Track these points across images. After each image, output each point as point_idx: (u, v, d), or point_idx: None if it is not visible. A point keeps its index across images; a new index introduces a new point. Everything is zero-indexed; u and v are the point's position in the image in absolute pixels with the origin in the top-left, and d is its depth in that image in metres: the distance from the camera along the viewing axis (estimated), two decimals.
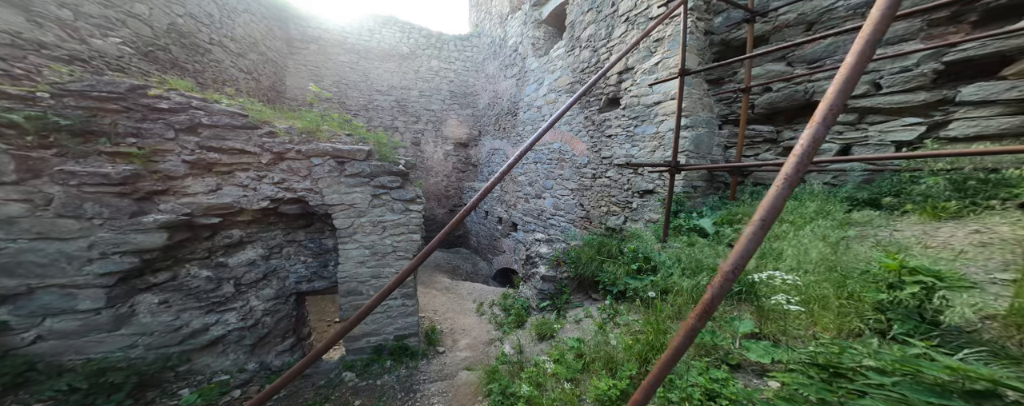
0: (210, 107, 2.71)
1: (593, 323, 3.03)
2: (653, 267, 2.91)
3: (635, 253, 3.23)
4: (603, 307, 3.00)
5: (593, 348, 2.44)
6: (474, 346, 4.13)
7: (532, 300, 4.32)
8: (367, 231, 3.26)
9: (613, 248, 3.61)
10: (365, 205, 3.21)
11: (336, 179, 3.07)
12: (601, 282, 3.35)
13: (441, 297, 6.39)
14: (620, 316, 2.67)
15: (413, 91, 10.32)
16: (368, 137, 3.45)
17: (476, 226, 10.21)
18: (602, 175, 5.54)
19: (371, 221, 3.25)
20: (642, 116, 4.82)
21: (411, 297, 3.62)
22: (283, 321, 3.57)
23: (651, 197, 4.58)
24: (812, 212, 2.73)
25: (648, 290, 2.64)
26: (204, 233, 2.85)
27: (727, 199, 3.90)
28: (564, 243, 4.36)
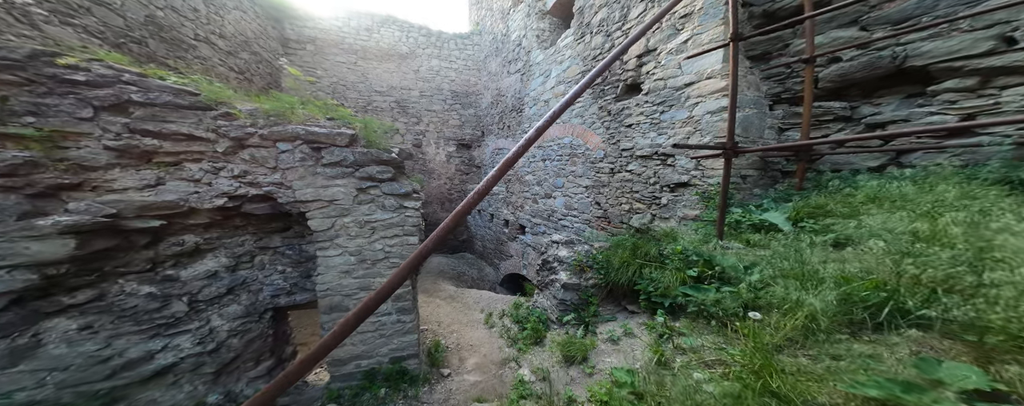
0: (147, 82, 2.04)
1: (641, 345, 2.28)
2: (721, 274, 2.18)
3: (685, 256, 2.50)
4: (652, 324, 2.26)
5: (655, 385, 1.70)
6: (484, 367, 3.38)
7: (551, 311, 3.57)
8: (352, 233, 2.55)
9: (651, 250, 2.88)
10: (349, 201, 2.50)
11: (310, 170, 2.38)
12: (642, 291, 2.61)
13: (445, 306, 5.63)
14: (685, 338, 1.93)
15: (413, 91, 9.72)
16: (353, 121, 2.76)
17: (481, 230, 9.48)
18: (622, 169, 4.83)
19: (357, 221, 2.54)
20: (670, 100, 4.12)
21: (408, 312, 2.88)
22: (256, 342, 2.84)
23: (685, 191, 3.85)
24: (953, 199, 2.00)
25: (728, 305, 1.88)
26: (141, 239, 2.14)
27: (793, 189, 3.15)
28: (586, 245, 3.63)
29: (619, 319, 2.88)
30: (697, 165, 3.68)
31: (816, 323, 1.53)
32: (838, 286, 1.64)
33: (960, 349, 1.25)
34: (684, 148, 2.71)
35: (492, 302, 5.48)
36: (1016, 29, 2.30)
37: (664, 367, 1.84)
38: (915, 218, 1.88)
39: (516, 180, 7.67)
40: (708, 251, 2.42)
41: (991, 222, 1.62)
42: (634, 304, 2.85)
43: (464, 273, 8.55)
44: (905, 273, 1.55)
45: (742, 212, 2.96)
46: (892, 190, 2.39)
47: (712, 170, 3.52)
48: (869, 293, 1.53)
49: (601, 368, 2.31)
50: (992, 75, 2.43)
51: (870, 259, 1.70)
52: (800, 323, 1.49)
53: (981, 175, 2.26)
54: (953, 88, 2.56)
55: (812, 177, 3.20)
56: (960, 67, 2.53)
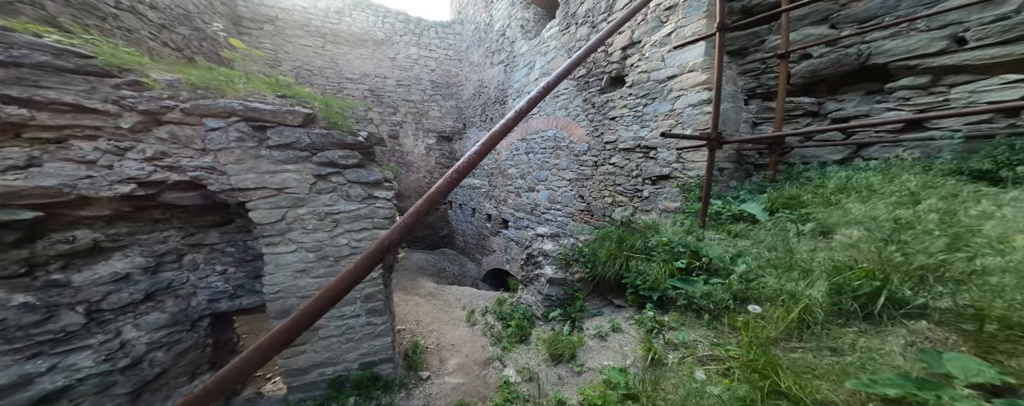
0: (12, 37, 1.56)
1: (632, 341, 2.17)
2: (708, 265, 2.11)
3: (670, 247, 2.42)
4: (641, 319, 2.16)
5: (650, 386, 1.58)
6: (466, 368, 3.17)
7: (536, 307, 3.41)
8: (309, 226, 2.20)
9: (636, 242, 2.79)
10: (304, 189, 2.15)
11: (251, 152, 2.00)
12: (629, 285, 2.51)
13: (425, 304, 5.33)
14: (676, 333, 1.84)
15: (389, 80, 9.12)
16: (312, 99, 2.39)
17: (463, 225, 9.17)
18: (605, 162, 4.75)
19: (315, 212, 2.20)
20: (653, 93, 4.07)
21: (380, 313, 2.59)
22: (190, 353, 2.42)
23: (666, 183, 3.83)
24: (915, 188, 2.03)
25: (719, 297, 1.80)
26: (8, 236, 1.67)
27: (767, 181, 3.19)
28: (572, 238, 3.49)
29: (606, 314, 2.77)
30: (678, 158, 3.66)
31: (812, 315, 1.47)
32: (829, 276, 1.59)
33: (956, 339, 1.21)
34: (673, 136, 2.62)
35: (474, 299, 5.25)
36: (967, 30, 2.42)
37: (657, 365, 1.73)
38: (896, 205, 1.89)
39: (499, 174, 7.44)
40: (694, 242, 2.35)
41: (969, 209, 1.64)
42: (620, 298, 2.76)
43: (445, 269, 8.24)
44: (892, 261, 1.52)
45: (722, 203, 2.95)
46: (859, 180, 2.46)
47: (692, 163, 3.51)
48: (861, 282, 1.49)
49: (590, 366, 2.18)
50: (943, 73, 2.55)
51: (859, 248, 1.68)
52: (796, 316, 1.41)
53: (935, 166, 2.37)
54: (908, 85, 2.67)
55: (783, 170, 3.27)
56: (916, 65, 2.65)
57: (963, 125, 2.49)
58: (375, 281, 2.50)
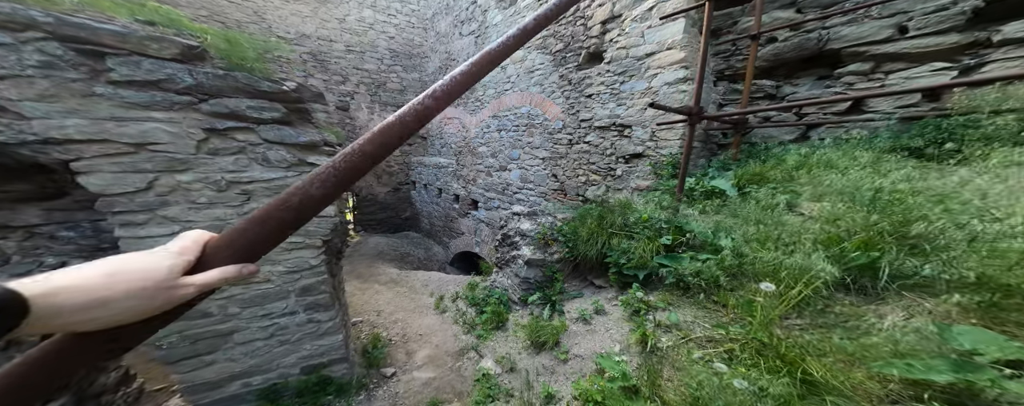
0: None
1: (619, 324, 1.96)
2: (691, 241, 1.95)
3: (652, 224, 2.25)
4: (627, 300, 1.96)
5: (651, 375, 1.36)
6: (438, 360, 2.78)
7: (512, 291, 3.11)
8: (200, 199, 1.52)
9: (616, 220, 2.59)
10: (186, 148, 1.45)
11: (76, 88, 1.23)
12: (612, 264, 2.31)
13: (386, 292, 4.73)
14: (667, 314, 1.65)
15: (337, 44, 7.69)
16: (201, 31, 1.64)
17: (428, 206, 8.44)
18: (580, 140, 4.51)
19: (209, 180, 1.52)
20: (631, 70, 3.84)
21: (324, 308, 2.03)
22: None
23: (639, 162, 3.71)
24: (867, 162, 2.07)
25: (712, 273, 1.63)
26: None
27: (731, 159, 3.20)
28: (550, 217, 3.21)
29: (587, 295, 2.57)
30: (652, 136, 3.54)
31: (816, 291, 1.34)
32: (824, 248, 1.48)
33: (960, 312, 1.14)
34: (659, 108, 2.39)
35: (443, 284, 4.79)
36: (911, 19, 2.54)
37: (652, 350, 1.53)
38: (867, 177, 1.88)
39: (468, 152, 6.84)
40: (674, 217, 2.20)
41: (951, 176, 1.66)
42: (601, 278, 2.56)
43: (409, 254, 7.55)
44: (881, 230, 1.46)
45: (695, 180, 2.88)
46: (819, 156, 2.52)
47: (665, 141, 3.42)
48: (858, 254, 1.40)
49: (577, 353, 1.94)
50: (884, 60, 2.70)
51: (844, 219, 1.61)
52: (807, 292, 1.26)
53: (875, 144, 2.51)
54: (854, 71, 2.80)
55: (744, 149, 3.32)
56: (863, 52, 2.77)
57: (896, 108, 2.68)
58: (315, 270, 1.92)
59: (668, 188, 2.93)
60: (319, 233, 1.89)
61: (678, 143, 3.20)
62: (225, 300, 1.72)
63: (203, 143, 1.51)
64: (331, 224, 1.92)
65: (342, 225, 2.35)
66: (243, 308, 1.78)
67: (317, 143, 1.83)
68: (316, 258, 1.91)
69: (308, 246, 1.88)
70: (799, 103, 2.24)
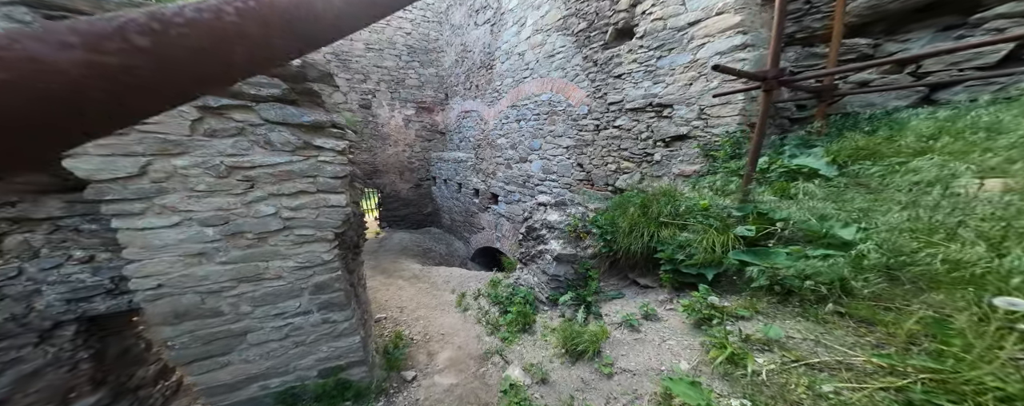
0: None
1: (681, 334, 1.57)
2: (784, 232, 1.51)
3: (716, 212, 1.81)
4: (691, 304, 1.55)
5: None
6: (460, 363, 2.54)
7: (540, 290, 2.79)
8: (199, 187, 1.33)
9: (664, 209, 2.17)
10: (180, 129, 1.24)
11: None
12: (664, 260, 1.91)
13: (409, 288, 4.60)
14: (763, 326, 1.23)
15: (357, 43, 7.66)
16: None
17: (448, 202, 8.31)
18: (609, 125, 4.05)
19: (207, 166, 1.32)
20: (669, 43, 3.32)
21: (340, 308, 1.83)
22: (47, 375, 1.57)
23: (683, 144, 3.21)
24: None
25: (835, 276, 1.18)
26: None
27: (814, 135, 2.62)
28: (581, 206, 2.84)
29: (629, 297, 2.18)
30: (699, 114, 3.02)
31: None
32: None
33: None
34: (727, 72, 1.91)
35: (464, 280, 4.58)
36: None
37: (745, 374, 1.14)
38: None
39: (487, 145, 6.56)
40: (759, 203, 1.74)
41: None
42: (648, 277, 2.17)
43: (431, 249, 7.47)
44: None
45: (768, 160, 2.35)
46: (969, 120, 1.84)
47: (718, 119, 2.89)
48: None
49: (625, 367, 1.59)
50: None
51: None
52: None
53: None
54: (1006, 13, 2.10)
55: (835, 121, 2.67)
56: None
57: None
58: (328, 265, 1.71)
59: (731, 171, 2.42)
60: (330, 225, 1.67)
61: (737, 119, 2.67)
62: (235, 298, 1.55)
63: (198, 123, 1.32)
64: (342, 215, 1.69)
65: (356, 217, 2.14)
66: (255, 306, 1.61)
67: (324, 124, 1.60)
68: (328, 252, 1.71)
69: (319, 239, 1.67)
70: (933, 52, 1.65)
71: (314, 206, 1.62)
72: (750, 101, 2.67)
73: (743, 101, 2.65)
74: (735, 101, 2.69)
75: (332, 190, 1.65)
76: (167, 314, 1.42)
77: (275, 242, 1.57)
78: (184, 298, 1.43)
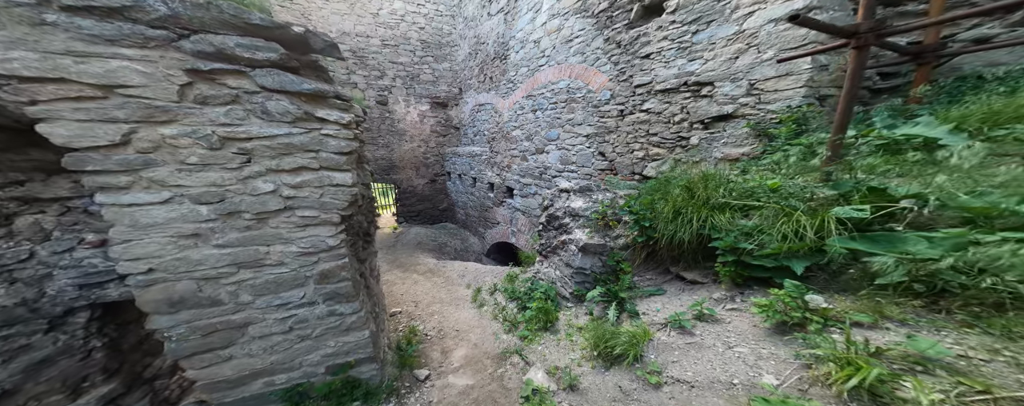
0: None
1: (768, 343, 1.24)
2: (906, 214, 1.14)
3: (792, 193, 1.47)
4: (774, 304, 1.20)
5: None
6: (476, 362, 2.33)
7: (563, 284, 2.52)
8: (191, 160, 1.16)
9: (713, 193, 1.82)
10: (167, 94, 1.08)
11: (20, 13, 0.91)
12: (725, 249, 1.56)
13: (424, 282, 4.46)
14: (914, 341, 0.88)
15: (373, 39, 7.64)
16: None
17: (462, 196, 8.16)
18: (635, 109, 3.70)
19: (198, 136, 1.16)
20: (708, 15, 2.93)
21: (347, 299, 1.64)
22: (60, 362, 1.49)
23: (728, 125, 2.82)
24: None
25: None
26: None
27: (910, 102, 2.15)
28: (609, 193, 2.53)
29: (672, 293, 1.87)
30: (749, 90, 2.62)
31: None
32: None
33: None
34: (807, 24, 1.55)
35: (480, 275, 4.39)
36: None
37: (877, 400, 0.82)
38: None
39: (502, 137, 6.33)
40: (878, 178, 1.36)
41: None
42: (694, 270, 1.85)
43: (446, 244, 7.35)
44: None
45: (857, 131, 1.91)
46: None
47: (775, 93, 2.48)
48: None
49: (678, 377, 1.29)
50: None
51: None
52: None
53: None
54: None
55: (944, 86, 2.17)
56: None
57: None
58: (334, 252, 1.53)
59: (804, 146, 1.99)
60: (335, 206, 1.49)
61: (801, 92, 2.26)
62: (235, 286, 1.40)
63: (187, 89, 1.16)
64: (348, 195, 1.50)
65: (366, 199, 1.96)
66: (256, 296, 1.45)
67: (326, 93, 1.41)
68: (334, 237, 1.53)
69: (323, 222, 1.49)
70: None
71: (317, 184, 1.44)
72: (819, 70, 2.25)
73: (810, 70, 2.23)
74: (799, 71, 2.28)
75: (336, 167, 1.46)
76: (161, 302, 1.28)
77: (276, 224, 1.40)
78: (179, 285, 1.28)
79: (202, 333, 1.38)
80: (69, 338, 1.56)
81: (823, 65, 2.24)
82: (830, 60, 2.24)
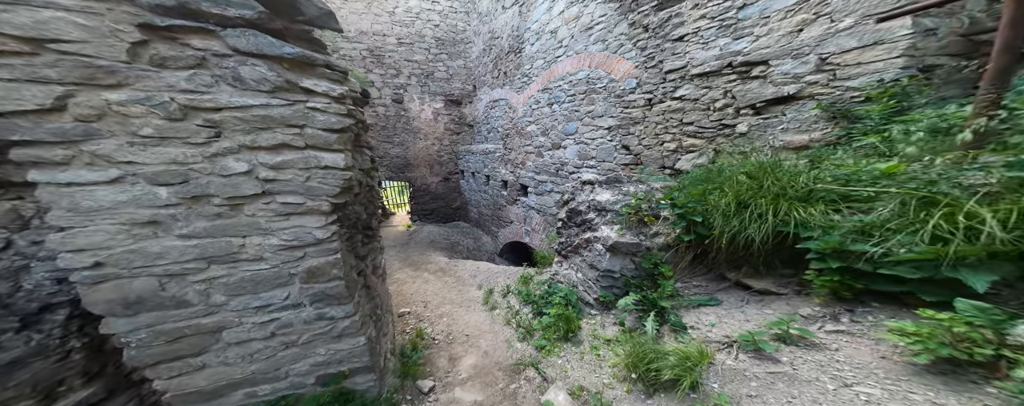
0: None
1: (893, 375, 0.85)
2: None
3: (945, 177, 1.05)
4: (938, 332, 0.79)
5: None
6: (486, 374, 2.03)
7: (586, 289, 2.17)
8: (145, 132, 0.91)
9: (796, 178, 1.40)
10: (113, 52, 0.86)
11: None
12: (824, 251, 1.15)
13: (435, 282, 4.22)
14: None
15: (389, 38, 7.58)
16: None
17: (476, 195, 7.94)
18: (666, 97, 3.29)
19: (154, 103, 0.93)
20: None
21: (339, 301, 1.39)
22: (33, 364, 1.33)
23: (789, 107, 2.36)
24: None
25: None
26: None
27: None
28: (642, 184, 2.17)
29: (730, 305, 1.49)
30: (820, 66, 2.16)
31: None
32: None
33: None
34: None
35: (492, 275, 4.10)
36: None
37: None
38: None
39: (515, 134, 6.03)
40: None
41: None
42: (763, 277, 1.46)
43: (458, 243, 7.13)
44: None
45: (1014, 100, 1.43)
46: None
47: (857, 67, 2.01)
48: None
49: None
50: None
51: None
52: None
53: None
54: None
55: None
56: None
57: None
58: (323, 246, 1.28)
59: (936, 119, 1.52)
60: (324, 191, 1.24)
61: (898, 62, 1.77)
62: (205, 284, 1.17)
63: (140, 48, 0.94)
64: (340, 180, 1.25)
65: (366, 189, 1.71)
66: (230, 296, 1.22)
67: (313, 60, 1.16)
68: (322, 229, 1.28)
69: (310, 211, 1.24)
70: None
71: (302, 165, 1.19)
72: (924, 35, 1.78)
73: (911, 35, 1.76)
74: (892, 38, 1.81)
75: (325, 146, 1.21)
76: (114, 302, 1.07)
77: (252, 211, 1.16)
78: (136, 282, 1.07)
79: (168, 338, 1.16)
80: (44, 337, 1.39)
81: (929, 29, 1.77)
82: (939, 22, 1.77)
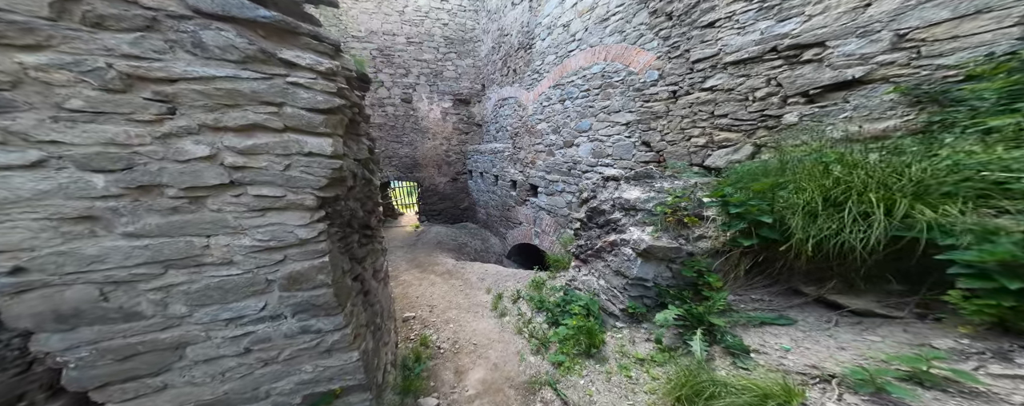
0: None
1: None
2: None
3: None
4: None
5: None
6: (496, 391, 1.76)
7: (611, 298, 1.88)
8: (73, 105, 0.67)
9: (907, 169, 1.09)
10: (33, 7, 0.67)
11: None
12: (983, 263, 0.81)
13: (442, 285, 3.99)
14: None
15: (399, 38, 7.47)
16: None
17: (484, 195, 7.71)
18: (693, 89, 2.98)
19: (81, 69, 0.69)
20: None
21: (327, 312, 1.16)
22: None
23: (853, 93, 2.02)
24: None
25: None
26: None
27: None
28: (677, 180, 1.88)
29: (809, 325, 1.18)
30: (895, 44, 1.81)
31: None
32: None
33: None
34: None
35: (501, 278, 3.84)
36: None
37: None
38: None
39: (525, 132, 5.78)
40: None
41: None
42: (863, 295, 1.15)
43: (466, 244, 6.90)
44: None
45: None
46: None
47: (949, 42, 1.65)
48: None
49: None
50: None
51: None
52: None
53: None
54: None
55: None
56: None
57: None
58: (307, 248, 1.05)
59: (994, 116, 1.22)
60: (308, 182, 1.01)
61: (1014, 32, 1.41)
62: (161, 292, 0.95)
63: (69, 3, 0.72)
64: (328, 169, 1.02)
65: (363, 182, 1.48)
66: (193, 307, 1.00)
67: (296, 27, 0.94)
68: (306, 227, 1.05)
69: (291, 205, 1.01)
70: None
71: (281, 151, 0.96)
72: None
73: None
74: (1004, 3, 1.47)
75: (310, 129, 0.98)
76: (43, 316, 0.85)
77: (218, 206, 0.93)
78: (70, 291, 0.85)
79: (116, 357, 0.94)
80: (1, 348, 1.20)
81: None
82: None
